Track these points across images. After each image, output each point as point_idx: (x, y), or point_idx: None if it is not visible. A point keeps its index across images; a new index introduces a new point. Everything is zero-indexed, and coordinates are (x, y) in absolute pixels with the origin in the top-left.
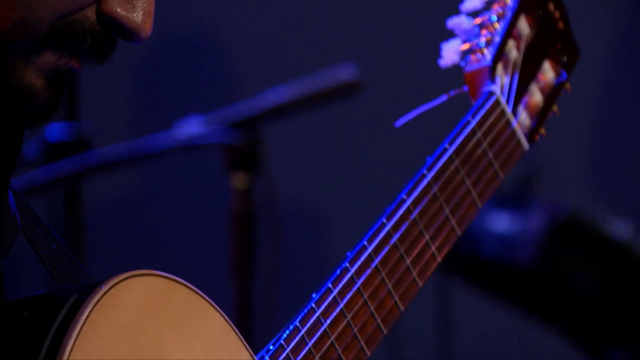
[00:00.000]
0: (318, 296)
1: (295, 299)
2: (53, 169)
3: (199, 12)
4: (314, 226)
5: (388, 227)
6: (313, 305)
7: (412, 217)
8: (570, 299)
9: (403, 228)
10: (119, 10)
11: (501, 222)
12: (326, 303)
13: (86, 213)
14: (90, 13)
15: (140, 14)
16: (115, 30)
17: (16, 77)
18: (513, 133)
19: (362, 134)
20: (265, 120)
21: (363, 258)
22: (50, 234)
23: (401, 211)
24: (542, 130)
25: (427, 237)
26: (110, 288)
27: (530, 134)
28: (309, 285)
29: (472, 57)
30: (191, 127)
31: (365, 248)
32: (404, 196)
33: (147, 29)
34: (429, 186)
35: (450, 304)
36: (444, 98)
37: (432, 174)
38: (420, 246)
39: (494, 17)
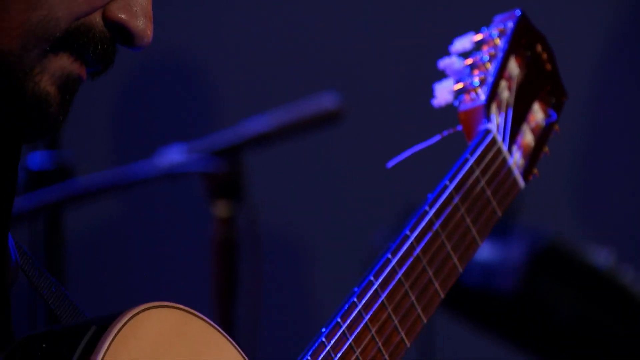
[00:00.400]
0: (327, 330)
1: (276, 326)
2: (35, 197)
3: (181, 40)
4: (295, 254)
5: (393, 262)
6: (323, 339)
7: (415, 253)
8: (551, 327)
9: (407, 264)
10: (122, 16)
11: (482, 251)
12: (335, 338)
13: (68, 241)
14: (98, 18)
15: (142, 20)
16: (120, 35)
17: (32, 82)
18: (509, 171)
19: (343, 162)
20: (247, 149)
21: (370, 293)
22: (47, 277)
23: (405, 247)
24: (535, 170)
25: (430, 273)
26: (129, 319)
27: (525, 174)
28: (291, 312)
29: (466, 97)
30: (173, 155)
31: (372, 283)
32: (408, 232)
33: (149, 34)
34: (430, 222)
35: (433, 333)
36: (437, 138)
37: (433, 210)
38: (424, 282)
39: (486, 57)
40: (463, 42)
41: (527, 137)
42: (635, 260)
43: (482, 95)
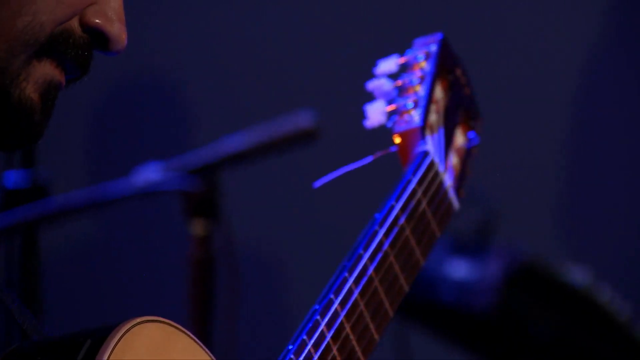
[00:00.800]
0: (295, 347)
1: (254, 345)
2: (9, 216)
3: (157, 58)
4: (272, 272)
5: (350, 281)
6: (292, 356)
7: (369, 272)
8: (528, 345)
9: (362, 283)
10: (98, 21)
11: (459, 269)
12: (302, 356)
13: (43, 260)
14: (76, 24)
15: (117, 24)
16: (96, 40)
17: (18, 90)
18: (446, 193)
19: (319, 178)
20: (224, 167)
21: (331, 312)
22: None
23: (360, 266)
24: (462, 193)
25: (382, 293)
26: (126, 332)
27: (457, 195)
28: (268, 331)
29: (400, 118)
30: (149, 174)
31: (332, 301)
32: (361, 251)
33: (124, 39)
34: (381, 243)
35: (410, 352)
36: (369, 159)
37: (383, 230)
38: (377, 301)
39: (415, 80)
40: (388, 64)
41: (454, 160)
42: (612, 277)
43: (417, 117)
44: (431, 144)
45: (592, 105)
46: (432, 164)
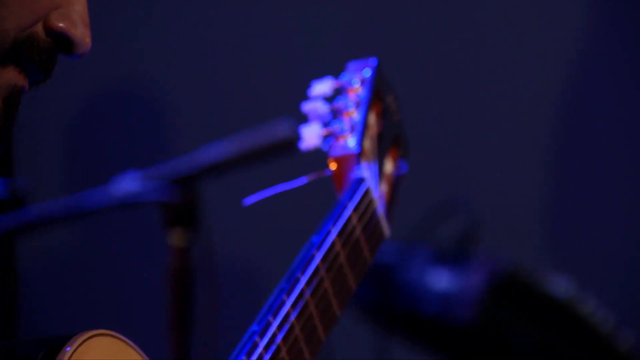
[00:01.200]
0: None
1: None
2: None
3: (135, 66)
4: (252, 283)
5: (287, 305)
6: None
7: (305, 295)
8: (511, 357)
9: (299, 306)
10: (62, 24)
11: (441, 280)
12: None
13: (20, 271)
14: (40, 28)
15: (81, 28)
16: (60, 44)
17: None
18: (379, 220)
19: (300, 190)
20: (203, 177)
21: (270, 334)
22: None
23: (297, 290)
24: (392, 220)
25: (317, 317)
26: (79, 345)
27: (387, 223)
28: None
29: (335, 143)
30: (128, 183)
31: (270, 323)
32: (299, 274)
33: (88, 42)
34: (318, 267)
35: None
36: (304, 181)
37: (320, 255)
38: (311, 326)
39: (351, 104)
40: (322, 87)
41: (384, 187)
42: (595, 288)
43: (353, 142)
44: (366, 171)
45: (576, 114)
46: (367, 191)
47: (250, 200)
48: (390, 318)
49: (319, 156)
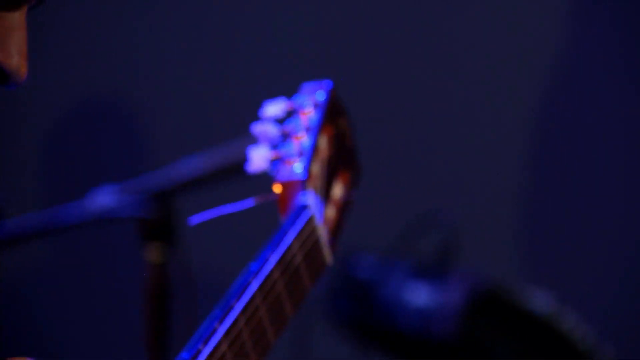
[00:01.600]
0: None
1: None
2: None
3: (110, 78)
4: None
5: (220, 333)
6: None
7: (239, 324)
8: None
9: (232, 335)
10: None
11: (420, 295)
12: None
13: None
14: None
15: (16, 58)
16: None
17: None
18: (322, 247)
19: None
20: (181, 191)
21: None
22: None
23: (231, 318)
24: (336, 247)
25: (250, 345)
26: None
27: (331, 249)
28: None
29: (283, 167)
30: (104, 198)
31: (200, 351)
32: (233, 302)
33: (23, 72)
34: (254, 296)
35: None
36: (250, 203)
37: (257, 283)
38: (244, 354)
39: (301, 128)
40: (274, 108)
41: (331, 212)
42: (576, 302)
43: (300, 167)
44: (312, 197)
45: (553, 128)
46: (311, 218)
47: (196, 219)
48: (370, 335)
49: (269, 178)
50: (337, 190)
